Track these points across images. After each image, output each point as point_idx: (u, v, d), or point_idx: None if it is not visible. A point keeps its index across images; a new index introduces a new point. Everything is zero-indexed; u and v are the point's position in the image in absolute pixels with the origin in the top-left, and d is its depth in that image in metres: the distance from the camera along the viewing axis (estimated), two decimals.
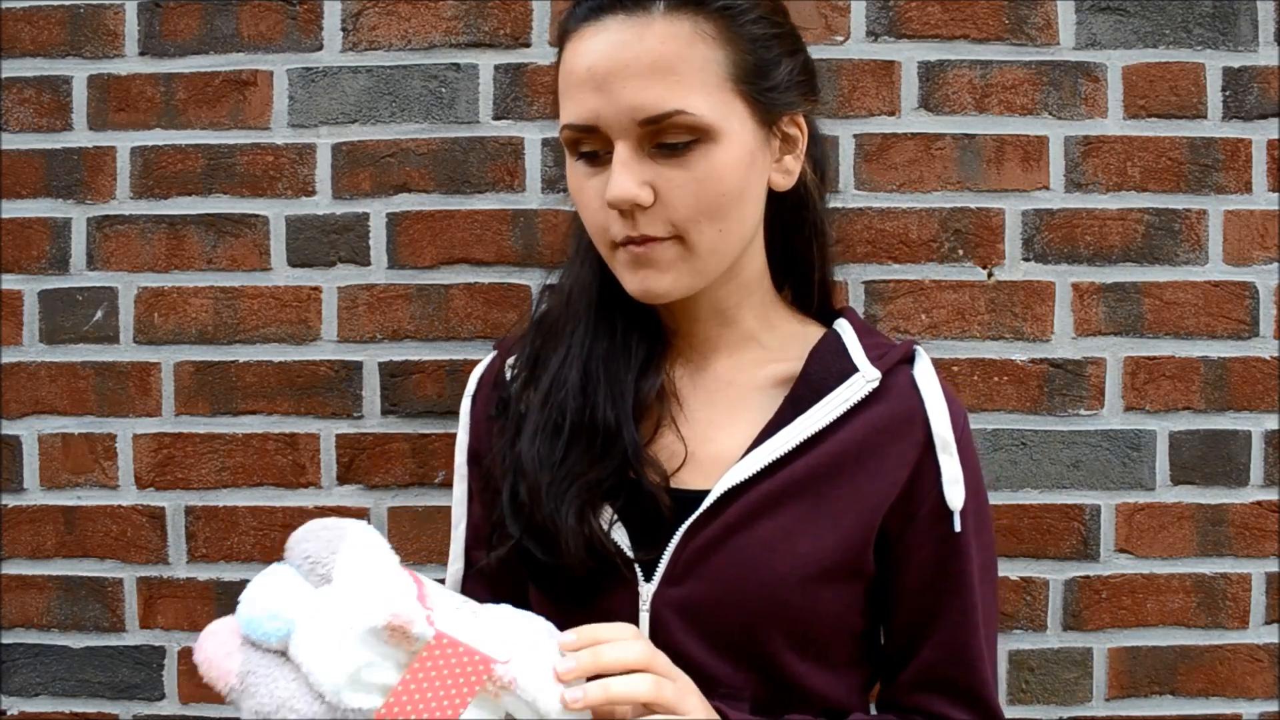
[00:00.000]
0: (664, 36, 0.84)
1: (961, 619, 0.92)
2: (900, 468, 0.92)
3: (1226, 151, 1.35)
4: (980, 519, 0.95)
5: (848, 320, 1.00)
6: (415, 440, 1.37)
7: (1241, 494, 1.36)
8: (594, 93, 0.84)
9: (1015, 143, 1.35)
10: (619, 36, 0.84)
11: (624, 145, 0.85)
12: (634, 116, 0.84)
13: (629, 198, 0.84)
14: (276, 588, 0.74)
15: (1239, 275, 1.36)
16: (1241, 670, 1.36)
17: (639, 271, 0.88)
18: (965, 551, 0.92)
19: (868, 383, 0.92)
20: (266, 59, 1.38)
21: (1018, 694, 1.36)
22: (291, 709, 0.70)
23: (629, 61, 0.84)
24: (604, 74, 0.84)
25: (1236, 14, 1.35)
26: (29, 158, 1.39)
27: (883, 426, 0.92)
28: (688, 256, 0.88)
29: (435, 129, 1.37)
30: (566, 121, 0.88)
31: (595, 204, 0.88)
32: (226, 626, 0.75)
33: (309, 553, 0.74)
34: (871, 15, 1.35)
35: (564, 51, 0.90)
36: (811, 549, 0.89)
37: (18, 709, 1.40)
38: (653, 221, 0.86)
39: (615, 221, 0.87)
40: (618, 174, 0.84)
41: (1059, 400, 1.35)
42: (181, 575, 1.39)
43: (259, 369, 1.38)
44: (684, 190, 0.86)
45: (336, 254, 1.38)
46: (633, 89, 0.83)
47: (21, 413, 1.40)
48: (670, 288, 0.89)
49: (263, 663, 0.72)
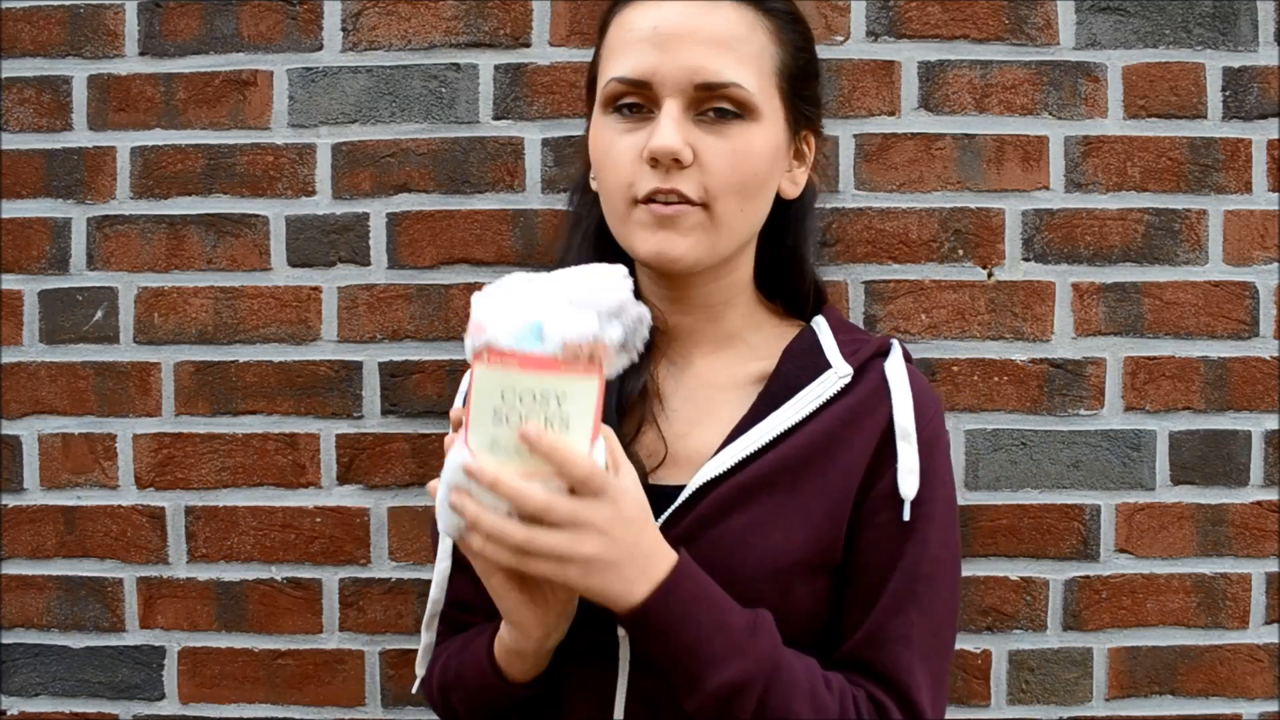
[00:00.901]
0: (731, 17, 0.91)
1: (895, 608, 0.90)
2: (863, 455, 0.93)
3: (1226, 151, 1.35)
4: (941, 516, 0.93)
5: (824, 317, 1.02)
6: (415, 440, 1.37)
7: (1241, 494, 1.36)
8: (655, 49, 0.89)
9: (1015, 143, 1.35)
10: (690, 7, 0.90)
11: (674, 103, 0.89)
12: (692, 78, 0.88)
13: (675, 148, 0.87)
14: (517, 296, 0.78)
15: (1239, 275, 1.36)
16: (1241, 670, 1.36)
17: (659, 232, 0.90)
18: (914, 541, 0.91)
19: (840, 378, 0.94)
20: (266, 59, 1.38)
21: (1018, 694, 1.36)
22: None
23: (697, 28, 0.89)
24: (669, 33, 0.89)
25: (1236, 14, 1.35)
26: (29, 158, 1.39)
27: (848, 418, 0.93)
28: (709, 227, 0.91)
29: (435, 129, 1.37)
30: (617, 75, 0.91)
31: (626, 158, 0.91)
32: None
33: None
34: (871, 15, 1.35)
35: (617, 15, 0.94)
36: (781, 541, 0.90)
37: (18, 709, 1.40)
38: (688, 180, 0.89)
39: (646, 175, 0.89)
40: (665, 125, 0.88)
41: (1059, 400, 1.35)
42: (181, 575, 1.39)
43: (259, 369, 1.38)
44: (722, 160, 0.89)
45: (336, 254, 1.38)
46: (697, 53, 0.88)
47: (21, 413, 1.40)
48: (685, 254, 0.91)
49: None
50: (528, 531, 0.76)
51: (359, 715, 1.38)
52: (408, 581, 1.37)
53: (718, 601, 0.84)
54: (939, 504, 0.93)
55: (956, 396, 1.35)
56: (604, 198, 0.95)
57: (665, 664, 0.83)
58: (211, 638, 1.38)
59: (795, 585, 0.90)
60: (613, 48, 0.93)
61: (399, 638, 1.37)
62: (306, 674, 1.38)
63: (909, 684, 0.89)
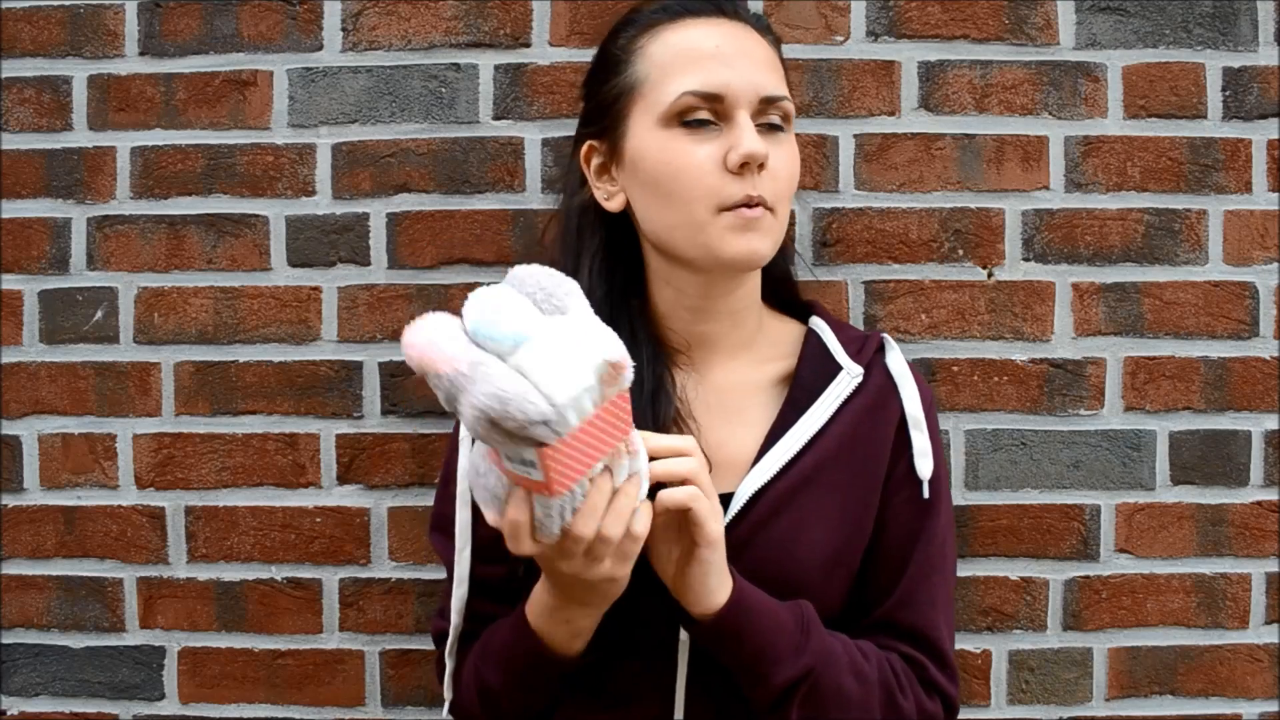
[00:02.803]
0: (762, 42, 1.02)
1: (921, 574, 1.03)
2: (884, 446, 1.04)
3: (1226, 151, 1.35)
4: (945, 488, 1.09)
5: (820, 318, 1.10)
6: (415, 440, 1.37)
7: (1241, 494, 1.36)
8: (723, 66, 0.97)
9: (1015, 143, 1.35)
10: (735, 31, 1.00)
11: (746, 114, 0.97)
12: (759, 92, 0.97)
13: (764, 151, 0.95)
14: (507, 302, 0.77)
15: (1239, 275, 1.36)
16: (1241, 670, 1.36)
17: (747, 234, 0.97)
18: (931, 515, 1.05)
19: (853, 379, 1.04)
20: (266, 59, 1.38)
21: (1018, 694, 1.36)
22: (532, 400, 0.72)
23: (751, 49, 0.99)
24: (732, 53, 0.98)
25: (1236, 14, 1.35)
26: (29, 158, 1.39)
27: (866, 415, 1.04)
28: (774, 228, 1.00)
29: (435, 129, 1.37)
30: (690, 89, 0.97)
31: (706, 167, 0.96)
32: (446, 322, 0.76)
33: (543, 284, 0.79)
34: (871, 15, 1.35)
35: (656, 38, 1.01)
36: (824, 536, 1.00)
37: (18, 709, 1.40)
38: (765, 185, 0.97)
39: (733, 183, 0.96)
40: (750, 134, 0.95)
41: (1059, 400, 1.35)
42: (181, 575, 1.39)
43: (259, 369, 1.38)
44: (781, 166, 0.99)
45: (336, 254, 1.38)
46: (758, 70, 0.98)
47: (21, 413, 1.40)
48: (768, 254, 0.99)
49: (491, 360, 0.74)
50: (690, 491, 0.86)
51: (359, 715, 1.38)
52: (408, 581, 1.37)
53: (771, 605, 0.94)
54: (942, 480, 1.08)
55: (956, 396, 1.35)
56: (675, 208, 0.98)
57: (733, 663, 0.93)
58: (211, 638, 1.38)
59: (835, 571, 1.01)
60: (669, 64, 0.99)
61: (399, 638, 1.37)
62: (306, 674, 1.38)
63: (938, 638, 1.04)
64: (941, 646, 1.04)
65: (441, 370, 0.73)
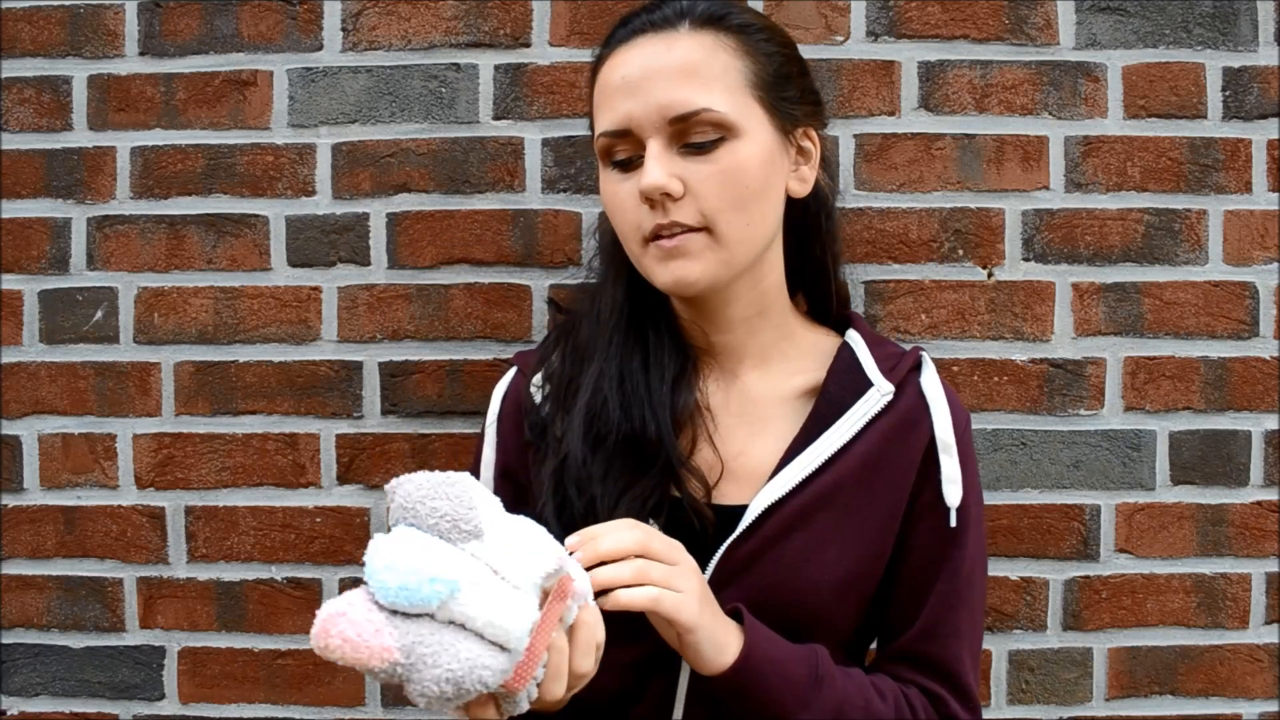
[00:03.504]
0: (690, 47, 0.94)
1: (945, 606, 0.99)
2: (909, 470, 1.00)
3: (1226, 151, 1.35)
4: (975, 518, 1.02)
5: (857, 331, 1.07)
6: (415, 440, 1.37)
7: (1241, 494, 1.36)
8: (626, 98, 0.93)
9: (1015, 143, 1.35)
10: (650, 49, 0.94)
11: (655, 142, 0.93)
12: (664, 114, 0.92)
13: (661, 185, 0.91)
14: (418, 550, 0.69)
15: (1239, 275, 1.36)
16: (1241, 670, 1.36)
17: (670, 263, 0.94)
18: (959, 544, 0.99)
19: (882, 396, 1.00)
20: (266, 59, 1.38)
21: (1018, 694, 1.36)
22: (484, 665, 0.68)
23: (659, 68, 0.93)
24: (636, 80, 0.93)
25: (1236, 14, 1.35)
26: (29, 158, 1.39)
27: (894, 435, 0.99)
28: (715, 246, 0.94)
29: (435, 129, 1.37)
30: (601, 130, 0.96)
31: (629, 204, 0.95)
32: (356, 602, 0.69)
33: (445, 512, 0.71)
34: (871, 15, 1.35)
35: (599, 75, 0.98)
36: (839, 557, 0.97)
37: (18, 709, 1.40)
38: (683, 210, 0.93)
39: (646, 214, 0.94)
40: (650, 165, 0.92)
41: (1059, 400, 1.35)
42: (181, 575, 1.39)
43: (259, 369, 1.38)
44: (711, 182, 0.93)
45: (336, 254, 1.38)
46: (662, 90, 0.92)
47: (21, 413, 1.40)
48: (700, 275, 0.95)
49: (424, 630, 0.68)
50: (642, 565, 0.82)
51: (359, 715, 1.38)
52: None
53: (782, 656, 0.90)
54: (973, 507, 1.02)
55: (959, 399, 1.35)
56: (621, 241, 1.00)
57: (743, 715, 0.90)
58: (211, 638, 1.38)
59: (847, 595, 0.98)
60: (598, 104, 0.98)
61: None
62: (306, 674, 1.38)
63: (960, 671, 0.99)
64: (964, 681, 1.00)
65: (374, 666, 0.67)
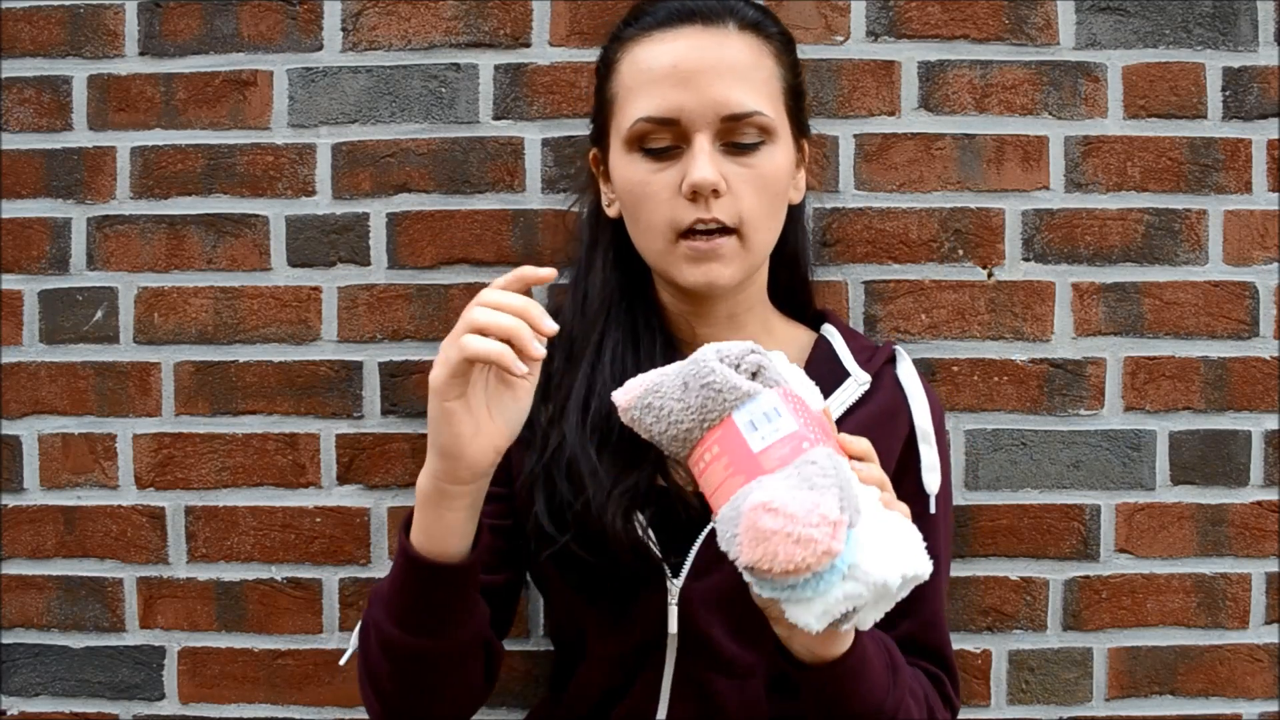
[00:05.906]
0: (740, 47, 0.94)
1: (932, 592, 0.99)
2: (889, 460, 1.01)
3: (1226, 151, 1.35)
4: (947, 499, 1.08)
5: (833, 324, 1.09)
6: (415, 440, 1.37)
7: (1241, 494, 1.36)
8: (677, 87, 0.92)
9: (1015, 143, 1.35)
10: (701, 41, 0.93)
11: (703, 137, 0.92)
12: (719, 111, 0.92)
13: (713, 181, 0.91)
14: None
15: (1239, 275, 1.36)
16: (1241, 670, 1.36)
17: (703, 265, 0.94)
18: (937, 530, 1.02)
19: (860, 386, 1.03)
20: (266, 59, 1.37)
21: (1018, 694, 1.36)
22: None
23: (714, 63, 0.92)
24: (690, 71, 0.92)
25: (1236, 14, 1.35)
26: (29, 158, 1.39)
27: (874, 424, 1.00)
28: (743, 252, 0.95)
29: (435, 129, 1.37)
30: (644, 115, 0.93)
31: (663, 195, 0.94)
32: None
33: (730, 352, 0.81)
34: (871, 15, 1.35)
35: (627, 52, 0.97)
36: None
37: (18, 709, 1.40)
38: (723, 207, 0.93)
39: (684, 208, 0.93)
40: (701, 161, 0.91)
41: (1059, 400, 1.35)
42: (181, 575, 1.39)
43: (259, 369, 1.38)
44: (750, 185, 0.94)
45: (336, 254, 1.38)
46: (720, 86, 0.92)
47: (21, 413, 1.40)
48: (730, 279, 0.96)
49: None
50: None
51: (359, 715, 1.38)
52: None
53: (872, 655, 0.87)
54: (947, 487, 1.07)
55: (956, 396, 1.35)
56: (641, 233, 0.98)
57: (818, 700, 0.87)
58: (211, 638, 1.38)
59: None
60: (630, 86, 0.96)
61: None
62: (306, 674, 1.38)
63: (951, 654, 1.05)
64: (953, 662, 1.05)
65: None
